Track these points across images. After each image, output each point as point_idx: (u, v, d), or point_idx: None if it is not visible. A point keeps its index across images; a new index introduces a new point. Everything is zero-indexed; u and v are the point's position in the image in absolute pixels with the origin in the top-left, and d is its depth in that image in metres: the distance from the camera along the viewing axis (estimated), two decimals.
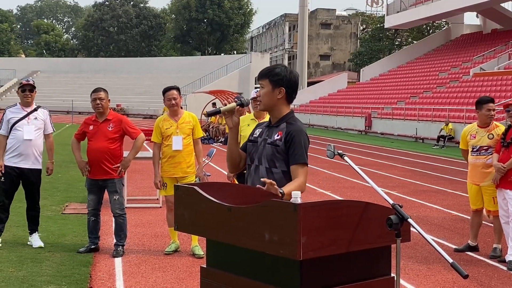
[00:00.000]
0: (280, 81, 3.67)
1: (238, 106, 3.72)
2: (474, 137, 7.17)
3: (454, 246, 7.50)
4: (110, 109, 7.06)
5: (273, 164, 3.63)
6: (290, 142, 3.60)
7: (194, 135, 7.03)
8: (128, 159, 6.93)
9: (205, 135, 6.57)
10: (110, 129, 6.85)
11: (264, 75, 3.71)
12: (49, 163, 7.28)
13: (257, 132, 3.81)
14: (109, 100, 6.99)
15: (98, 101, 6.86)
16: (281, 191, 3.41)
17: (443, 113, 28.92)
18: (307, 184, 3.74)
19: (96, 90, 6.96)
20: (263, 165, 3.66)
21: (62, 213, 9.22)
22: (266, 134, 3.73)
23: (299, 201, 2.70)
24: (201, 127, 7.06)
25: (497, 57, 34.90)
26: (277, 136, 3.65)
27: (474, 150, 7.15)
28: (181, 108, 7.26)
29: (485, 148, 7.06)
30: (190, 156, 7.03)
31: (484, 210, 7.36)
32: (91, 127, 6.90)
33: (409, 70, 43.78)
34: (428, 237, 2.64)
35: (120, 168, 6.85)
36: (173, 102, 6.90)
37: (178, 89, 7.06)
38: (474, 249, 7.30)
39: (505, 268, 6.55)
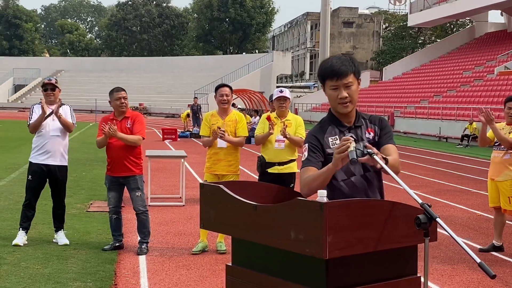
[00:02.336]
0: (360, 71, 3.24)
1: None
2: None
3: (479, 246, 7.43)
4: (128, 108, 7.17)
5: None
6: (382, 126, 3.29)
7: (236, 132, 7.01)
8: (119, 135, 6.75)
9: (247, 135, 6.59)
10: (129, 126, 6.91)
11: (347, 70, 3.12)
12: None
13: (334, 141, 3.22)
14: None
15: (122, 100, 6.93)
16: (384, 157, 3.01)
17: (467, 112, 28.65)
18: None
19: (118, 90, 7.01)
20: (371, 171, 3.24)
21: (87, 211, 9.30)
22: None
23: (325, 200, 2.70)
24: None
25: None
26: (370, 134, 3.28)
27: (496, 145, 7.18)
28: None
29: None
30: (233, 155, 7.03)
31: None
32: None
33: (432, 68, 43.43)
34: (457, 237, 2.61)
35: (110, 130, 6.67)
36: (225, 98, 6.98)
37: (231, 88, 7.17)
38: (499, 249, 7.23)
39: None
